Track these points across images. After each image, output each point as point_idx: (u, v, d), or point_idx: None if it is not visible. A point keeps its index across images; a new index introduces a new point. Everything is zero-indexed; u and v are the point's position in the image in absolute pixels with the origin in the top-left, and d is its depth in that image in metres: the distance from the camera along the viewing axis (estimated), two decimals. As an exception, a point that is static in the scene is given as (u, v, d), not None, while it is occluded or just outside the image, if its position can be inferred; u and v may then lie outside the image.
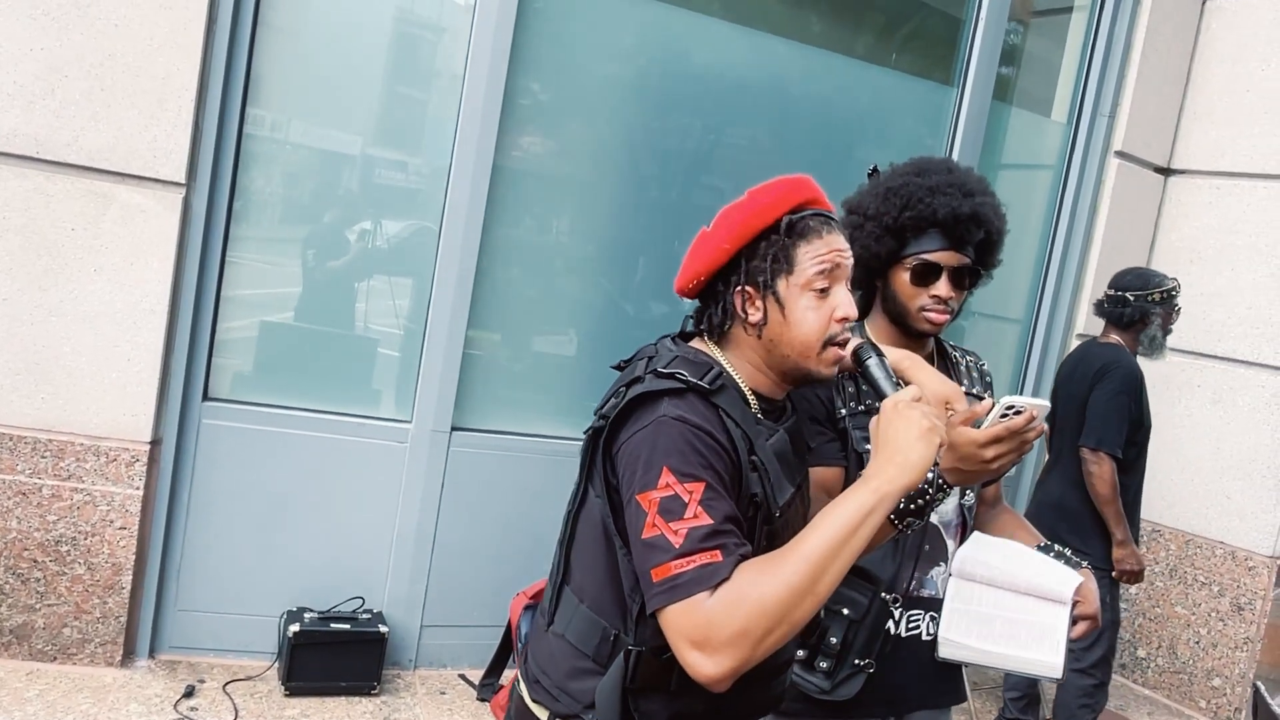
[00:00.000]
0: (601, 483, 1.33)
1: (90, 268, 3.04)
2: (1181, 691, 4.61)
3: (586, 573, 1.38)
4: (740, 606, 1.15)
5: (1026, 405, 1.41)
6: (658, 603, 1.19)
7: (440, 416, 3.52)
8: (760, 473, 1.33)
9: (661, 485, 1.21)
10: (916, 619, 1.78)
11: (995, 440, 1.41)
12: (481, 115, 3.42)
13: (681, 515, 1.19)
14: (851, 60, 4.19)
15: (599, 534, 1.35)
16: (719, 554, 1.18)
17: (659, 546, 1.19)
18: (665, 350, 1.39)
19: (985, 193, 1.75)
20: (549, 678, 1.39)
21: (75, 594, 3.12)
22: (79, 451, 3.07)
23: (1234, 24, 4.75)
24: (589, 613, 1.36)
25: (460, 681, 3.57)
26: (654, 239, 3.92)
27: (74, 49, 2.94)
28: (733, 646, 1.14)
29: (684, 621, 1.16)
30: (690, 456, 1.23)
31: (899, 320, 1.78)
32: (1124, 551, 3.36)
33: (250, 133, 3.26)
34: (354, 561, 3.51)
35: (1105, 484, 3.30)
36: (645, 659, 1.31)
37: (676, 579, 1.17)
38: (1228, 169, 4.71)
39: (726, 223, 1.37)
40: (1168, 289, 3.43)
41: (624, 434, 1.29)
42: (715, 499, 1.22)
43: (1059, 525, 3.40)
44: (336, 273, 3.54)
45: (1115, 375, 3.34)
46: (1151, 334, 3.44)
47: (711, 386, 1.30)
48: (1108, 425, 3.32)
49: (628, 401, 1.29)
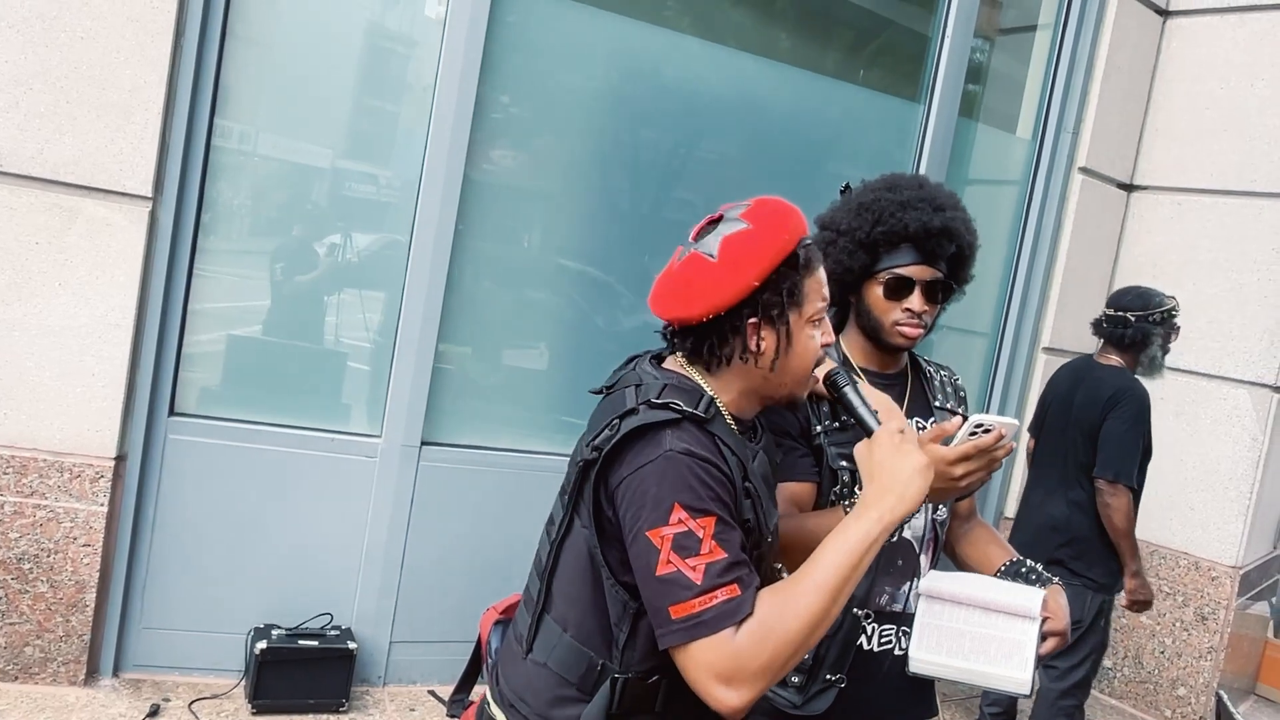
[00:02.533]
0: (590, 514, 1.32)
1: (55, 282, 3.00)
2: (1147, 701, 4.66)
3: (571, 603, 1.37)
4: (768, 641, 1.18)
5: (995, 423, 1.43)
6: (679, 639, 1.20)
7: (410, 431, 3.49)
8: (753, 499, 1.34)
9: (674, 521, 1.21)
10: (889, 634, 1.78)
11: (964, 458, 1.42)
12: (452, 128, 3.41)
13: (697, 551, 1.20)
14: (820, 76, 4.22)
15: (585, 565, 1.34)
16: (737, 588, 1.20)
17: (678, 584, 1.19)
18: (649, 376, 1.38)
19: (956, 207, 1.77)
20: (528, 705, 1.38)
21: (38, 612, 3.06)
22: (42, 468, 3.03)
23: (1194, 43, 4.85)
24: (573, 642, 1.35)
25: (430, 698, 3.54)
26: (625, 252, 3.92)
27: (39, 61, 2.91)
28: (759, 678, 1.18)
29: (711, 658, 1.18)
30: (700, 491, 1.23)
31: (873, 335, 1.79)
32: (1137, 582, 3.33)
33: (218, 145, 3.24)
34: (322, 577, 3.48)
35: (1124, 517, 3.25)
36: (631, 684, 1.31)
37: (700, 616, 1.18)
38: (1189, 185, 4.79)
39: (747, 256, 1.33)
40: (1168, 309, 3.35)
41: (624, 468, 1.27)
42: (726, 532, 1.23)
43: (1061, 550, 3.35)
44: (305, 286, 3.52)
45: (1130, 405, 3.26)
46: (1152, 354, 3.36)
47: (707, 415, 1.31)
48: (1126, 458, 3.25)
49: (625, 435, 1.28)
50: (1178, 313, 3.40)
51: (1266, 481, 4.50)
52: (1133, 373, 3.38)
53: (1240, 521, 4.45)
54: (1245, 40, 4.63)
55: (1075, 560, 3.34)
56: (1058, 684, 3.38)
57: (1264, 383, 4.44)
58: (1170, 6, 4.93)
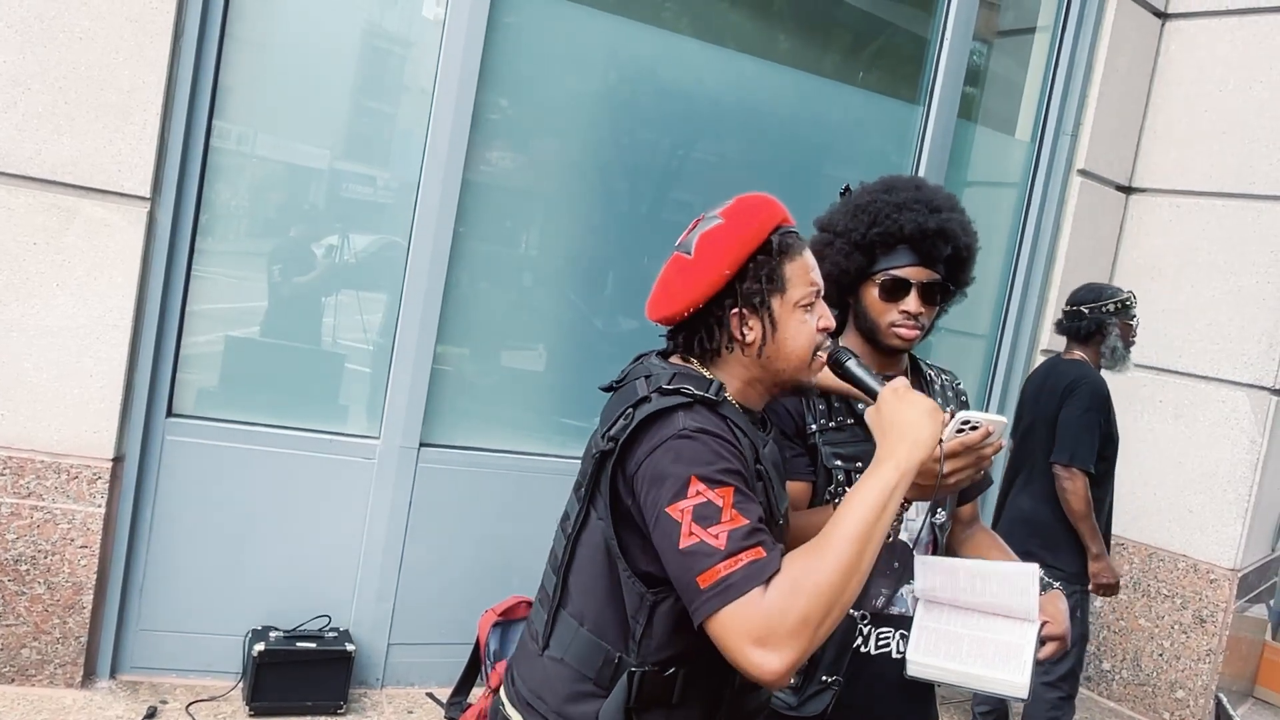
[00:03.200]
0: (606, 506, 1.33)
1: (53, 282, 3.00)
2: (1146, 704, 4.66)
3: (587, 596, 1.38)
4: (800, 594, 1.16)
5: (982, 420, 1.43)
6: (711, 607, 1.17)
7: (409, 432, 3.49)
8: (765, 481, 1.36)
9: (692, 494, 1.22)
10: (886, 637, 1.78)
11: (952, 455, 1.42)
12: (451, 130, 3.41)
13: (718, 520, 1.20)
14: (819, 78, 4.23)
15: (601, 557, 1.35)
16: (761, 550, 1.19)
17: (701, 553, 1.19)
18: (658, 368, 1.41)
19: (953, 209, 1.77)
20: (545, 703, 1.39)
21: (35, 614, 3.06)
22: (39, 469, 3.02)
23: (1192, 46, 4.85)
24: (590, 636, 1.36)
25: (428, 700, 3.53)
26: (623, 254, 3.92)
27: (37, 61, 2.91)
28: (796, 636, 1.14)
29: (743, 620, 1.15)
30: (716, 463, 1.24)
31: (870, 337, 1.79)
32: (1100, 565, 3.40)
33: (217, 146, 3.24)
34: (320, 579, 3.47)
35: (1079, 499, 3.34)
36: (648, 677, 1.32)
37: (728, 580, 1.17)
38: (1187, 187, 4.79)
39: (717, 248, 1.38)
40: (1121, 300, 3.48)
41: (640, 453, 1.29)
42: (745, 501, 1.23)
43: (1031, 541, 3.42)
44: (304, 287, 3.51)
45: (1084, 391, 3.39)
46: (1111, 345, 3.47)
47: (717, 398, 1.33)
48: (1080, 441, 3.35)
49: (639, 422, 1.30)
50: (1133, 305, 3.51)
51: (1265, 484, 4.50)
52: (1096, 367, 3.49)
53: (1239, 524, 4.45)
54: (1243, 43, 4.64)
55: (1045, 551, 3.41)
56: (1046, 678, 3.45)
57: (1263, 385, 4.44)
58: (1168, 9, 4.94)
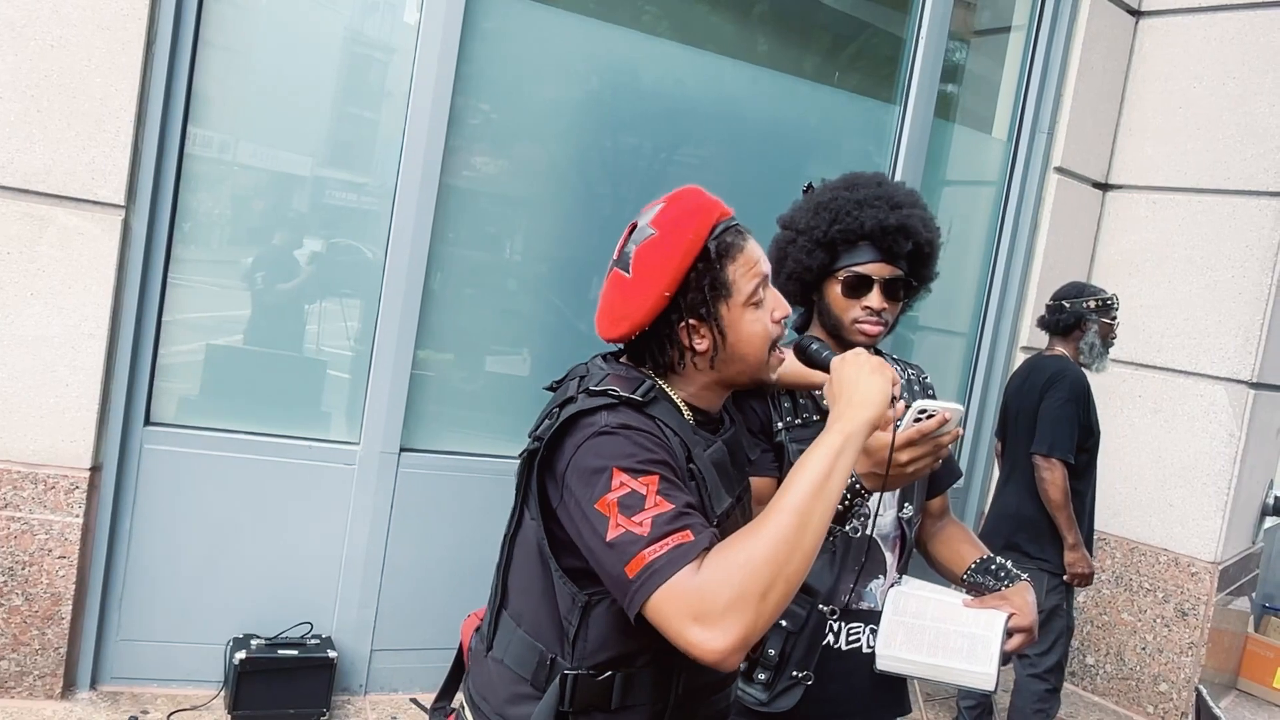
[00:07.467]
0: (537, 505, 1.32)
1: (27, 292, 2.98)
2: (1129, 697, 4.68)
3: (523, 597, 1.37)
4: (731, 568, 1.10)
5: (939, 409, 1.43)
6: (643, 595, 1.12)
7: (389, 438, 3.49)
8: (698, 481, 1.32)
9: (616, 486, 1.19)
10: (856, 632, 1.78)
11: (909, 444, 1.43)
12: (427, 134, 3.41)
13: (642, 507, 1.17)
14: (797, 79, 4.24)
15: (534, 557, 1.34)
16: (689, 533, 1.15)
17: (627, 541, 1.15)
18: (596, 368, 1.40)
19: (914, 205, 1.78)
20: (489, 703, 1.38)
21: (13, 626, 3.04)
22: (16, 479, 3.01)
23: (1166, 43, 4.89)
24: (526, 637, 1.35)
25: (412, 706, 3.53)
26: (604, 258, 3.86)
27: (8, 69, 2.90)
28: (734, 611, 1.08)
29: (675, 601, 1.10)
30: (639, 454, 1.22)
31: (835, 333, 1.80)
32: (1075, 555, 3.44)
33: (192, 153, 3.22)
34: (302, 586, 3.46)
35: (1057, 489, 3.38)
36: (582, 681, 1.30)
37: (653, 565, 1.12)
38: (1163, 184, 4.83)
39: (653, 267, 1.35)
40: (1103, 298, 3.54)
41: (566, 452, 1.27)
42: (671, 489, 1.20)
43: (1017, 534, 3.49)
44: (282, 294, 3.50)
45: (1063, 383, 3.44)
46: (1090, 341, 3.52)
47: (644, 399, 1.30)
48: (1059, 432, 3.40)
49: (563, 421, 1.28)
50: (1115, 306, 3.57)
51: (1244, 477, 4.53)
52: (1075, 362, 3.55)
53: (1219, 517, 4.48)
54: (1216, 39, 4.67)
55: (1030, 544, 3.48)
56: (1032, 670, 3.50)
57: (1240, 379, 4.47)
58: (1142, 7, 4.97)
